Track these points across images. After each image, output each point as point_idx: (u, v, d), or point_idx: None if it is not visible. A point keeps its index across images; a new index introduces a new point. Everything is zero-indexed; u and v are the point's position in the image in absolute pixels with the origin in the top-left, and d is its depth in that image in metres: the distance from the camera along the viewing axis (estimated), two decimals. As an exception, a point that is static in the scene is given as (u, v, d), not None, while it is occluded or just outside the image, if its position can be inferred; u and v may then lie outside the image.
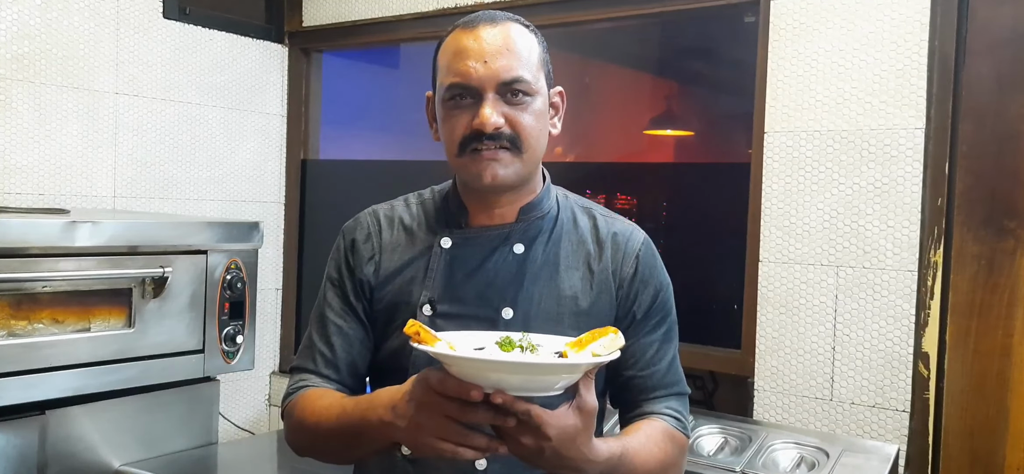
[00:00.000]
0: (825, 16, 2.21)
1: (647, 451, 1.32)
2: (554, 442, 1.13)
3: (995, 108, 2.04)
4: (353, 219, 1.50)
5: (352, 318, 1.44)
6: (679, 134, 3.19)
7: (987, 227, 2.05)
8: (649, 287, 1.43)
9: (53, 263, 2.09)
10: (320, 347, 1.44)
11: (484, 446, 1.14)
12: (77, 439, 2.24)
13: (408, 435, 1.18)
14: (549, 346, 1.20)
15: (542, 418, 1.11)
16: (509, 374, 1.10)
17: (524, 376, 1.11)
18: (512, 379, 1.10)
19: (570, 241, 1.44)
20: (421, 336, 1.15)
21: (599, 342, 1.18)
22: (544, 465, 1.18)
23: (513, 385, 1.10)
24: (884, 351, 2.14)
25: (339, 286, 1.45)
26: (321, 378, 1.43)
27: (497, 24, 1.36)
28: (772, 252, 2.29)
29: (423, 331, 1.16)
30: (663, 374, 1.42)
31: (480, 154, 1.33)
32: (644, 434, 1.34)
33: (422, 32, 2.97)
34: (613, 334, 1.19)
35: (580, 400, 1.16)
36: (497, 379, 1.10)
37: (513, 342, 1.18)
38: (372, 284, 1.43)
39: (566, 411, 1.15)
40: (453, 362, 1.12)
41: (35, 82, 2.61)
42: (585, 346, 1.18)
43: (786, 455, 2.11)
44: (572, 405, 1.15)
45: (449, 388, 1.11)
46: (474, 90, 1.33)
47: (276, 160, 3.30)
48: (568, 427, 1.14)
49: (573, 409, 1.15)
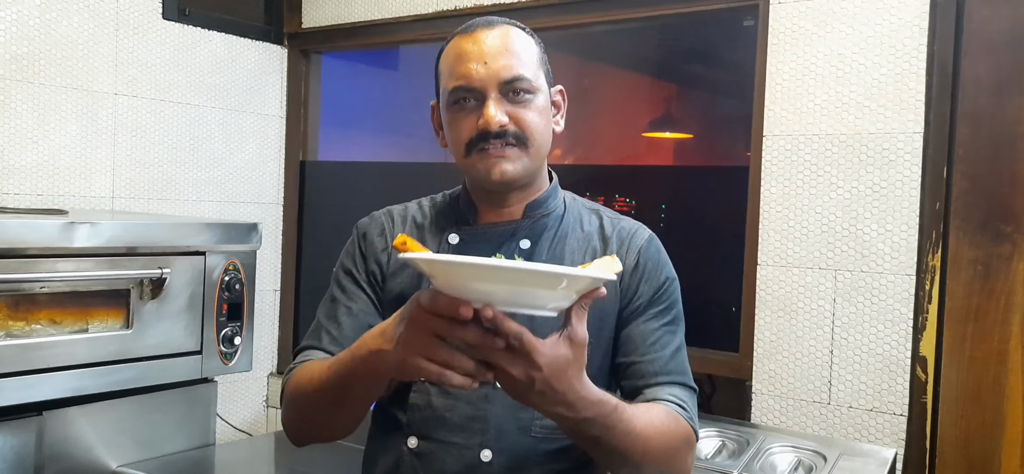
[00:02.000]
0: (824, 20, 2.21)
1: (646, 418, 1.28)
2: (545, 372, 1.10)
3: (992, 111, 2.05)
4: (368, 217, 1.54)
5: (362, 299, 1.45)
6: (678, 137, 3.20)
7: (984, 231, 2.05)
8: (652, 278, 1.43)
9: (51, 264, 2.09)
10: (326, 326, 1.45)
11: (471, 370, 1.10)
12: (75, 440, 2.24)
13: (395, 358, 1.14)
14: None
15: (533, 344, 1.08)
16: (497, 283, 1.05)
17: (512, 286, 1.06)
18: (500, 290, 1.06)
19: (576, 238, 1.46)
20: (408, 246, 1.12)
21: (594, 263, 1.16)
22: (535, 400, 1.14)
23: (501, 297, 1.06)
24: (882, 355, 2.14)
25: (351, 274, 1.48)
26: (324, 353, 1.43)
27: (494, 27, 1.40)
28: (770, 255, 2.29)
29: (410, 242, 1.13)
30: (665, 361, 1.40)
31: (487, 153, 1.36)
32: (644, 406, 1.31)
33: (421, 34, 2.98)
34: (611, 258, 1.17)
35: (571, 330, 1.12)
36: (485, 291, 1.05)
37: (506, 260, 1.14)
38: (384, 274, 1.46)
39: (557, 341, 1.11)
40: (440, 270, 1.08)
41: (34, 83, 2.61)
42: None
43: (784, 458, 2.11)
44: (563, 335, 1.12)
45: (439, 305, 1.07)
46: (477, 91, 1.37)
47: (275, 161, 3.30)
48: (559, 357, 1.11)
49: (564, 339, 1.12)
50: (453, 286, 1.06)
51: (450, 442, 1.37)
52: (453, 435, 1.37)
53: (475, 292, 1.05)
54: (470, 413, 1.36)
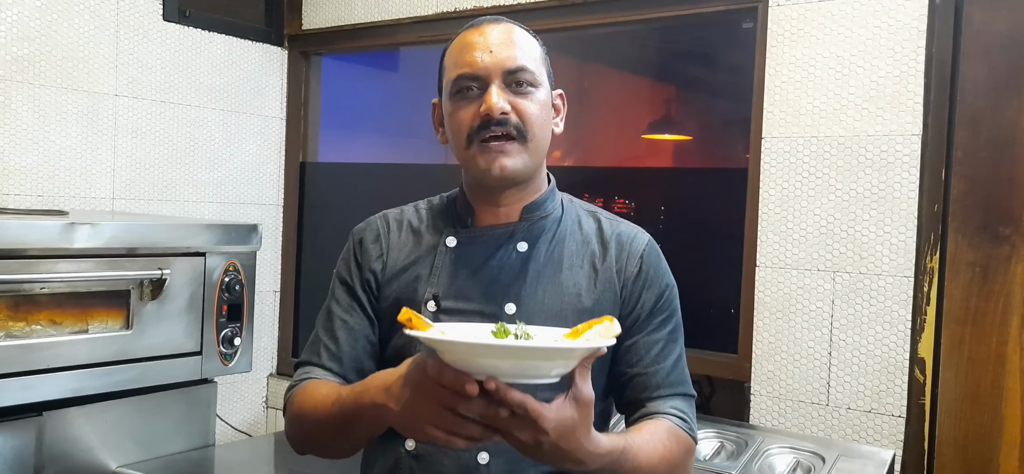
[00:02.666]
0: (823, 22, 2.21)
1: (651, 447, 1.30)
2: (552, 435, 1.11)
3: (990, 114, 2.05)
4: (363, 222, 1.55)
5: (358, 313, 1.46)
6: (677, 139, 3.20)
7: (982, 233, 2.05)
8: (653, 286, 1.44)
9: (51, 264, 2.09)
10: (325, 341, 1.47)
11: (478, 436, 1.12)
12: (74, 440, 2.24)
13: (401, 419, 1.17)
14: (546, 336, 1.19)
15: (538, 411, 1.09)
16: (501, 359, 1.08)
17: (516, 360, 1.08)
18: (504, 364, 1.07)
19: (574, 240, 1.46)
20: (413, 322, 1.14)
21: (594, 329, 1.16)
22: (545, 459, 1.16)
23: (505, 371, 1.07)
24: (880, 356, 2.14)
25: (347, 284, 1.49)
26: (324, 371, 1.45)
27: (500, 23, 1.44)
28: (769, 257, 2.29)
29: (415, 317, 1.14)
30: (668, 373, 1.42)
31: (488, 146, 1.37)
32: (648, 432, 1.33)
33: (421, 36, 2.98)
34: (609, 322, 1.17)
35: (576, 391, 1.13)
36: (490, 365, 1.07)
37: (508, 331, 1.16)
38: (379, 281, 1.47)
39: (562, 403, 1.12)
40: (445, 347, 1.10)
41: (34, 84, 2.61)
42: (581, 335, 1.16)
43: (782, 460, 2.11)
44: (568, 396, 1.13)
45: (445, 379, 1.09)
46: (481, 79, 1.39)
47: (275, 163, 3.30)
48: (565, 419, 1.12)
49: (569, 400, 1.13)
50: (458, 362, 1.08)
51: None
52: None
53: (481, 367, 1.07)
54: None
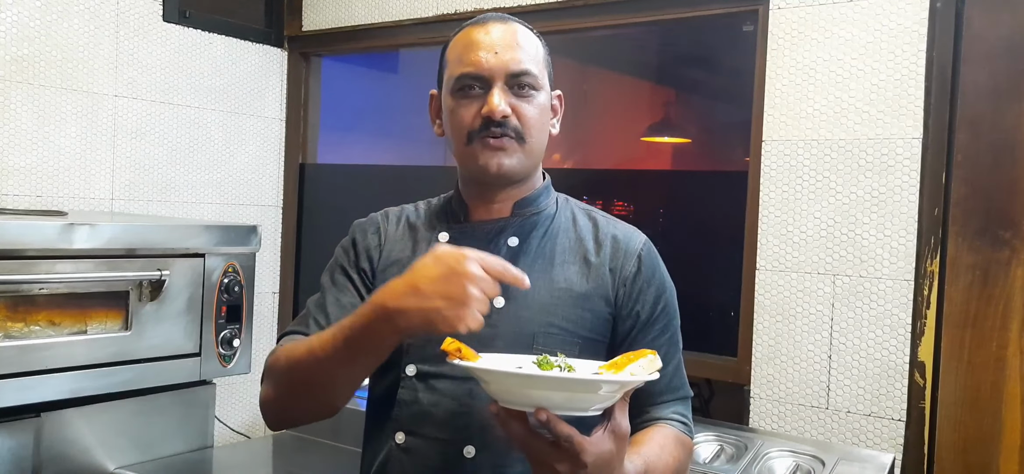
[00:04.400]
0: (824, 26, 2.21)
1: (663, 462, 1.35)
2: (590, 469, 1.13)
3: (991, 118, 2.05)
4: (365, 217, 1.57)
5: (351, 293, 1.47)
6: (676, 141, 3.20)
7: (982, 237, 2.05)
8: (652, 288, 1.44)
9: (50, 265, 2.09)
10: (314, 314, 1.47)
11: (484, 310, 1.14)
12: (72, 442, 2.24)
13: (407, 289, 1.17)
14: (585, 368, 1.21)
15: (582, 445, 1.12)
16: (554, 391, 1.11)
17: (568, 393, 1.11)
18: (557, 397, 1.11)
19: (567, 238, 1.47)
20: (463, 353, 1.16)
21: (637, 363, 1.18)
22: None
23: (557, 404, 1.10)
24: (880, 360, 2.14)
25: (342, 268, 1.50)
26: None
27: (506, 22, 1.44)
28: (769, 260, 2.29)
29: (464, 349, 1.16)
30: (669, 378, 1.44)
31: (487, 144, 1.38)
32: (658, 444, 1.37)
33: (422, 37, 2.98)
34: (651, 356, 1.19)
35: (614, 424, 1.16)
36: (542, 397, 1.10)
37: (552, 363, 1.19)
38: (374, 269, 1.48)
39: (602, 437, 1.15)
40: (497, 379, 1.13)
41: (34, 84, 2.61)
42: (621, 368, 1.18)
43: (782, 463, 2.11)
44: (607, 429, 1.15)
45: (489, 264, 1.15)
46: (484, 79, 1.39)
47: (274, 164, 3.30)
48: (604, 452, 1.15)
49: (608, 433, 1.15)
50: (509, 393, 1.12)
51: (435, 438, 1.38)
52: (438, 431, 1.38)
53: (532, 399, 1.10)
54: (454, 409, 1.37)
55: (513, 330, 1.37)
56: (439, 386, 1.38)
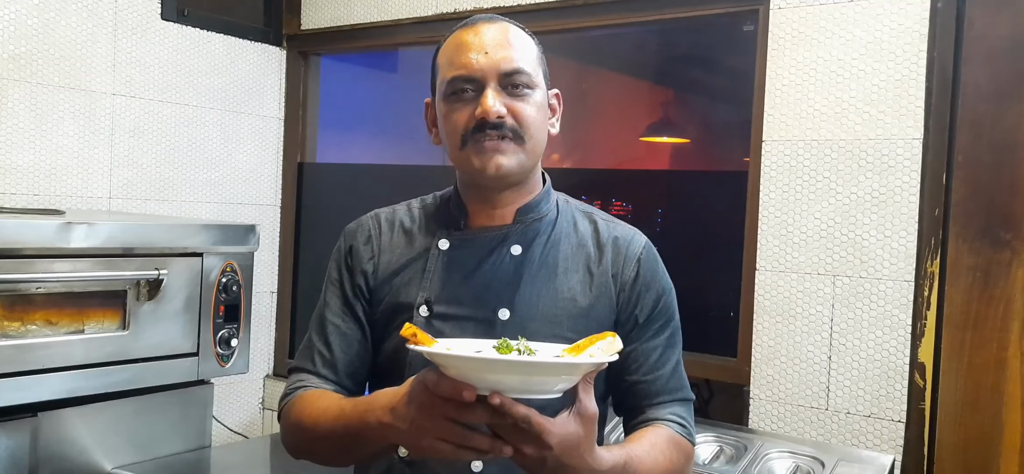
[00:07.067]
0: (824, 26, 2.21)
1: (652, 459, 1.31)
2: (556, 450, 1.12)
3: (992, 118, 2.04)
4: (355, 222, 1.52)
5: (350, 319, 1.44)
6: (676, 141, 3.19)
7: (983, 238, 2.05)
8: (651, 291, 1.43)
9: (48, 264, 2.08)
10: (318, 347, 1.45)
11: (485, 447, 1.12)
12: (70, 442, 2.23)
13: (408, 437, 1.17)
14: (547, 351, 1.20)
15: (543, 425, 1.10)
16: (506, 374, 1.09)
17: (521, 376, 1.10)
18: (509, 380, 1.09)
19: (569, 244, 1.44)
20: (418, 338, 1.15)
21: (596, 345, 1.17)
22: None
23: (510, 386, 1.09)
24: (880, 361, 2.13)
25: (338, 287, 1.47)
26: (319, 378, 1.44)
27: (496, 22, 1.40)
28: (769, 260, 2.29)
29: (420, 333, 1.15)
30: (667, 379, 1.42)
31: (483, 146, 1.35)
32: (648, 441, 1.34)
33: (420, 37, 2.97)
34: (611, 338, 1.18)
35: (580, 406, 1.14)
36: (494, 380, 1.08)
37: (511, 346, 1.17)
38: (371, 285, 1.44)
39: (566, 418, 1.13)
40: (449, 362, 1.11)
41: (31, 82, 2.60)
42: (582, 350, 1.17)
43: (781, 464, 2.11)
44: (572, 411, 1.14)
45: (442, 389, 1.09)
46: (476, 81, 1.36)
47: (273, 163, 3.29)
48: (569, 434, 1.13)
49: (573, 415, 1.14)
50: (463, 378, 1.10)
51: None
52: None
53: (486, 382, 1.09)
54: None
55: None
56: None
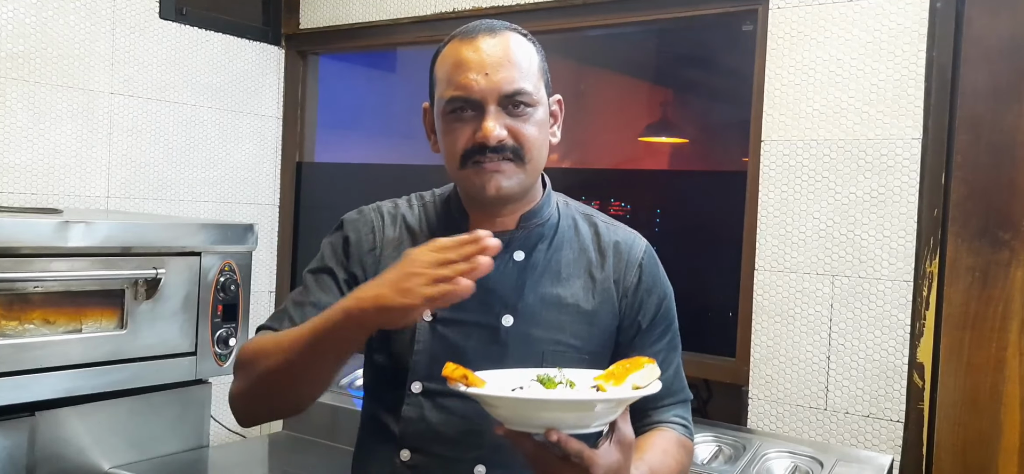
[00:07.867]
0: (823, 25, 2.21)
1: (667, 466, 1.35)
2: None
3: (991, 119, 2.04)
4: (356, 211, 1.49)
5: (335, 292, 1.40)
6: (675, 141, 3.19)
7: (982, 238, 2.05)
8: (653, 296, 1.44)
9: (45, 263, 2.08)
10: (292, 313, 1.41)
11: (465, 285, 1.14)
12: (67, 441, 2.23)
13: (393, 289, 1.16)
14: (582, 380, 1.21)
15: (594, 458, 1.13)
16: (565, 412, 1.12)
17: (579, 413, 1.13)
18: (568, 417, 1.11)
19: (571, 249, 1.43)
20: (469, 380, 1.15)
21: (637, 374, 1.18)
22: None
23: (568, 423, 1.11)
24: (879, 361, 2.13)
25: (330, 272, 1.43)
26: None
27: (496, 34, 1.35)
28: (768, 260, 2.28)
29: (471, 375, 1.16)
30: (669, 382, 1.43)
31: (482, 166, 1.32)
32: (661, 449, 1.37)
33: (420, 36, 2.97)
34: (650, 365, 1.20)
35: (620, 434, 1.17)
36: (551, 418, 1.10)
37: (553, 380, 1.19)
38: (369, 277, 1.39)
39: (609, 448, 1.16)
40: (506, 404, 1.13)
41: (29, 81, 2.60)
42: (621, 378, 1.18)
43: (780, 464, 2.11)
44: (613, 440, 1.16)
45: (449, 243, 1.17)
46: (476, 103, 1.32)
47: (271, 162, 3.29)
48: (612, 463, 1.16)
49: (615, 444, 1.16)
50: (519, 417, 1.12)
51: (444, 456, 1.36)
52: (447, 449, 1.36)
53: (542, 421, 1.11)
54: (465, 428, 1.35)
55: (522, 348, 1.36)
56: (448, 404, 1.35)
